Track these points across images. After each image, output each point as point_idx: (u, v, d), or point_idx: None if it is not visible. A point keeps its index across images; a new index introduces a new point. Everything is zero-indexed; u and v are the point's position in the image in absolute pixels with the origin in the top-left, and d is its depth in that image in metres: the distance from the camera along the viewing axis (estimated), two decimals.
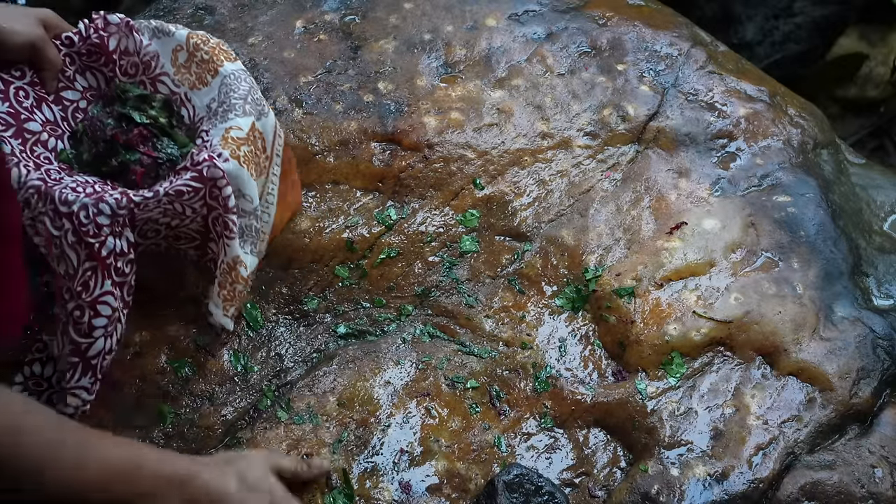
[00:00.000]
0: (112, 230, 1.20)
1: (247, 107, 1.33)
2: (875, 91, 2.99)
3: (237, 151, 1.28)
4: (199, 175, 1.24)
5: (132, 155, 1.33)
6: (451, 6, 1.72)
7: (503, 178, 1.56)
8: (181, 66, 1.38)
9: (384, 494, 1.30)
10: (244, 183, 1.29)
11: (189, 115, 1.38)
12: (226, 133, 1.30)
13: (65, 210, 1.18)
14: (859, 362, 1.42)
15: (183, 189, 1.24)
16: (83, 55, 1.38)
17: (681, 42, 1.73)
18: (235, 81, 1.35)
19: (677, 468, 1.33)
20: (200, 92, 1.37)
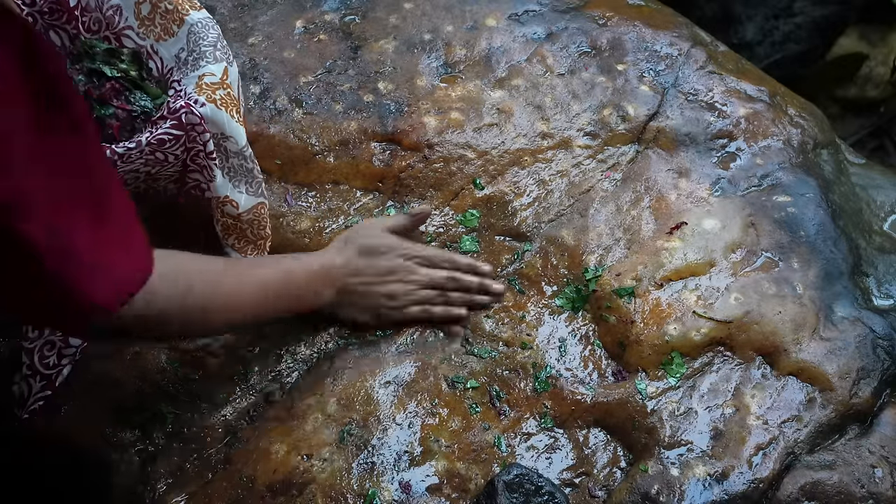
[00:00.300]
0: None
1: (217, 53, 1.34)
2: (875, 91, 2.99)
3: (213, 95, 1.28)
4: (178, 122, 1.24)
5: (106, 109, 1.33)
6: (451, 6, 1.72)
7: (503, 178, 1.56)
8: (145, 18, 1.37)
9: (384, 494, 1.30)
10: (225, 125, 1.29)
11: (158, 68, 1.38)
12: (199, 80, 1.30)
13: None
14: (859, 362, 1.42)
15: (164, 137, 1.24)
16: (45, 14, 1.36)
17: (681, 42, 1.73)
18: (203, 30, 1.35)
19: (677, 468, 1.33)
20: (167, 43, 1.37)
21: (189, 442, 1.34)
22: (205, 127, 1.26)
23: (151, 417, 1.35)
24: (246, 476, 1.31)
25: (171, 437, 1.34)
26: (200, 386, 1.37)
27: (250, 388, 1.39)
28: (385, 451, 1.34)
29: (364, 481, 1.31)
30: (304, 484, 1.31)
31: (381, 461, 1.33)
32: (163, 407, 1.35)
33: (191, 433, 1.34)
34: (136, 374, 1.36)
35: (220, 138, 1.30)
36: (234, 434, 1.35)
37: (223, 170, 1.32)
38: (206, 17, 1.38)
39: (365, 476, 1.32)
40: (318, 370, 1.41)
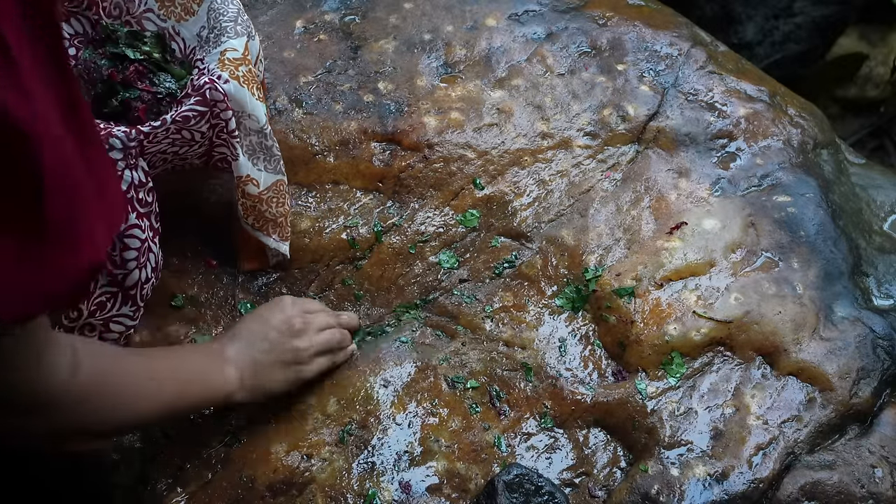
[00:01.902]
0: (126, 163, 1.20)
1: (238, 28, 1.33)
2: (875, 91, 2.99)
3: (235, 72, 1.27)
4: (203, 98, 1.24)
5: (132, 92, 1.32)
6: (451, 6, 1.72)
7: (503, 178, 1.56)
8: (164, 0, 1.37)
9: (384, 494, 1.30)
10: (247, 103, 1.28)
11: (181, 49, 1.37)
12: (221, 56, 1.29)
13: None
14: (859, 362, 1.42)
15: (189, 115, 1.23)
16: (66, 1, 1.36)
17: (681, 42, 1.73)
18: (223, 5, 1.34)
19: (677, 468, 1.33)
20: (188, 23, 1.36)
21: (189, 442, 1.34)
22: (227, 104, 1.25)
23: None
24: (246, 476, 1.31)
25: (171, 437, 1.34)
26: None
27: None
28: (385, 451, 1.34)
29: (364, 481, 1.31)
30: (304, 484, 1.31)
31: (381, 461, 1.33)
32: None
33: (191, 433, 1.34)
34: None
35: (241, 116, 1.29)
36: (234, 434, 1.35)
37: (242, 148, 1.32)
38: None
39: (365, 476, 1.32)
40: None
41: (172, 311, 1.41)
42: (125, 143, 1.19)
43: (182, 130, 1.25)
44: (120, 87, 1.32)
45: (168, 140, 1.25)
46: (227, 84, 1.25)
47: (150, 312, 1.40)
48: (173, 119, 1.23)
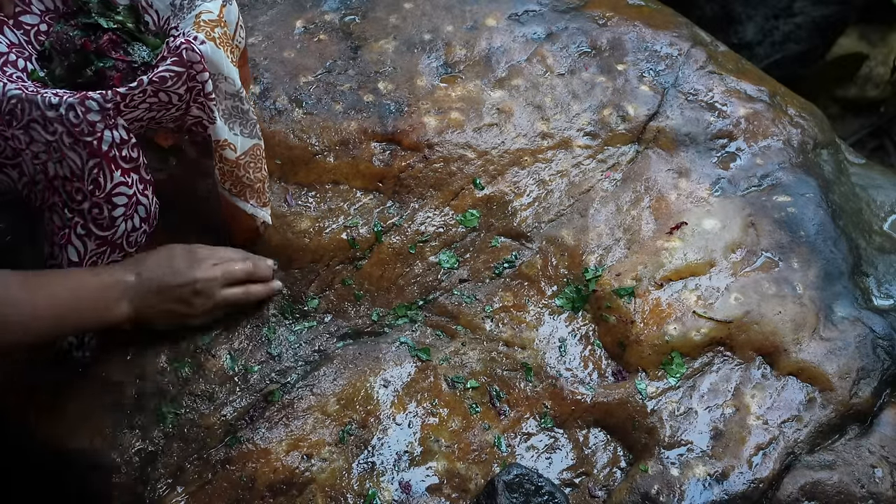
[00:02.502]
0: (105, 124, 1.19)
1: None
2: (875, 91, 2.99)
3: (212, 33, 1.26)
4: (180, 59, 1.22)
5: (106, 62, 1.30)
6: (451, 6, 1.71)
7: (503, 178, 1.56)
8: None
9: (384, 494, 1.30)
10: (222, 64, 1.28)
11: (154, 21, 1.36)
12: (196, 18, 1.28)
13: (52, 115, 1.17)
14: (859, 362, 1.42)
15: (166, 75, 1.22)
16: None
17: (681, 42, 1.73)
18: None
19: (677, 468, 1.33)
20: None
21: (189, 442, 1.34)
22: (204, 66, 1.24)
23: (151, 417, 1.35)
24: (246, 476, 1.31)
25: (171, 437, 1.34)
26: (200, 386, 1.37)
27: (250, 388, 1.39)
28: (385, 451, 1.34)
29: (364, 481, 1.31)
30: (304, 484, 1.31)
31: (381, 461, 1.33)
32: (163, 407, 1.35)
33: (191, 433, 1.34)
34: (136, 374, 1.36)
35: (216, 78, 1.28)
36: (234, 434, 1.35)
37: (219, 111, 1.31)
38: None
39: (365, 476, 1.32)
40: (318, 370, 1.41)
41: None
42: (101, 105, 1.18)
43: (159, 93, 1.23)
44: (94, 57, 1.30)
45: (145, 105, 1.24)
46: (203, 45, 1.24)
47: None
48: (150, 80, 1.21)
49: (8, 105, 1.18)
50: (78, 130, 1.18)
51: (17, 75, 1.27)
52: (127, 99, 1.21)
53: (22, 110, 1.18)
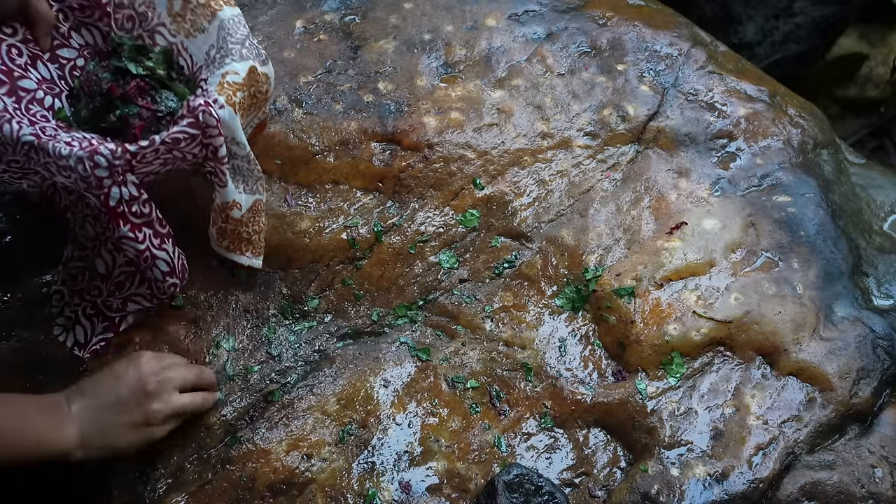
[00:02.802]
0: (114, 180, 1.19)
1: (244, 51, 1.30)
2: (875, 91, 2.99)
3: (233, 98, 1.25)
4: (196, 121, 1.22)
5: (130, 108, 1.30)
6: (451, 6, 1.72)
7: (503, 178, 1.56)
8: (177, 14, 1.33)
9: (384, 494, 1.30)
10: (237, 131, 1.27)
11: (188, 66, 1.35)
12: (222, 78, 1.27)
13: (63, 164, 1.17)
14: (859, 362, 1.42)
15: (180, 136, 1.21)
16: (76, 10, 1.34)
17: (681, 42, 1.73)
18: (234, 26, 1.31)
19: (677, 468, 1.33)
20: (197, 40, 1.33)
21: (189, 442, 1.34)
22: (220, 130, 1.23)
23: None
24: (246, 476, 1.31)
25: (172, 437, 1.34)
26: None
27: (250, 388, 1.39)
28: (385, 451, 1.34)
29: (364, 481, 1.31)
30: (304, 484, 1.31)
31: (381, 461, 1.33)
32: None
33: (191, 433, 1.34)
34: None
35: (230, 142, 1.28)
36: (233, 434, 1.35)
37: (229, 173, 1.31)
38: (238, 15, 1.33)
39: (365, 476, 1.32)
40: (318, 370, 1.41)
41: (173, 311, 1.41)
42: (110, 162, 1.18)
43: (173, 150, 1.23)
44: (119, 103, 1.30)
45: (160, 161, 1.23)
46: (221, 110, 1.23)
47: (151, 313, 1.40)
48: (163, 140, 1.21)
49: (22, 149, 1.18)
50: (86, 183, 1.18)
51: (41, 114, 1.27)
52: (138, 156, 1.20)
53: (36, 154, 1.18)
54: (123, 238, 1.23)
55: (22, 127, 1.18)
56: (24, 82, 1.27)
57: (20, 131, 1.18)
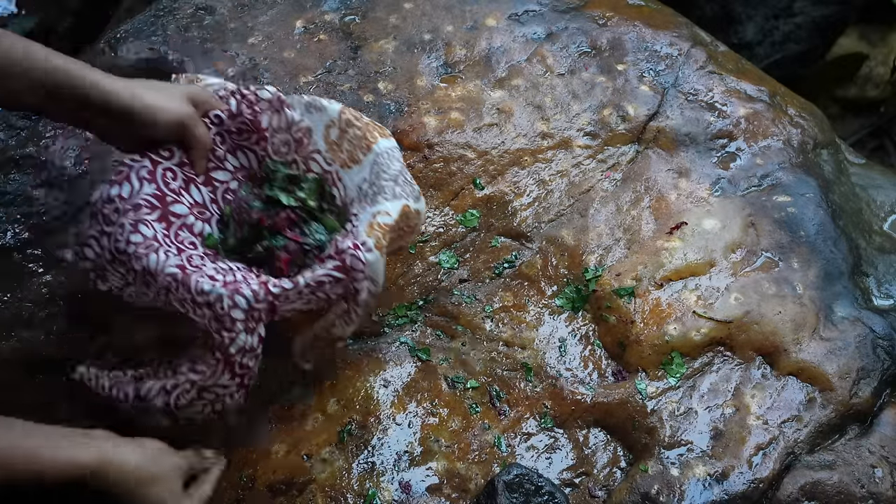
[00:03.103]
0: (246, 326, 1.17)
1: (397, 189, 1.27)
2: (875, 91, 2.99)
3: (382, 241, 1.23)
4: (342, 264, 1.20)
5: (278, 240, 1.28)
6: (451, 6, 1.72)
7: (503, 178, 1.56)
8: (333, 143, 1.32)
9: (384, 494, 1.30)
10: (379, 272, 1.24)
11: (340, 196, 1.32)
12: (373, 218, 1.25)
13: (201, 300, 1.16)
14: (859, 362, 1.42)
15: (324, 280, 1.20)
16: (234, 133, 1.31)
17: (681, 42, 1.73)
18: (388, 160, 1.29)
19: (677, 468, 1.33)
20: (351, 171, 1.31)
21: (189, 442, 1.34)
22: (365, 273, 1.21)
23: None
24: (246, 476, 1.31)
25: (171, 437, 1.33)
26: None
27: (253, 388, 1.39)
28: (385, 451, 1.34)
29: (364, 481, 1.31)
30: (304, 484, 1.31)
31: (381, 461, 1.33)
32: None
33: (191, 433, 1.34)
34: None
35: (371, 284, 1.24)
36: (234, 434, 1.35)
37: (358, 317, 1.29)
38: (393, 147, 1.31)
39: (365, 476, 1.32)
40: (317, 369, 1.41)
41: None
42: (251, 304, 1.16)
43: (315, 293, 1.21)
44: (267, 234, 1.29)
45: (301, 301, 1.22)
46: (369, 253, 1.20)
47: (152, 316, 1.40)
48: (307, 283, 1.19)
49: (164, 280, 1.17)
50: (216, 325, 1.17)
51: (189, 241, 1.25)
52: (280, 299, 1.19)
53: (175, 289, 1.18)
54: (218, 385, 1.21)
55: (169, 257, 1.18)
56: (176, 207, 1.25)
57: (166, 262, 1.17)
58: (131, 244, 1.18)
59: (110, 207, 1.21)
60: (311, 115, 1.32)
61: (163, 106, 1.17)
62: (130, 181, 1.21)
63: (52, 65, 1.09)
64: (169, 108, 1.17)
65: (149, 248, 1.18)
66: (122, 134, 1.11)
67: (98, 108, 1.12)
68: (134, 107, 1.13)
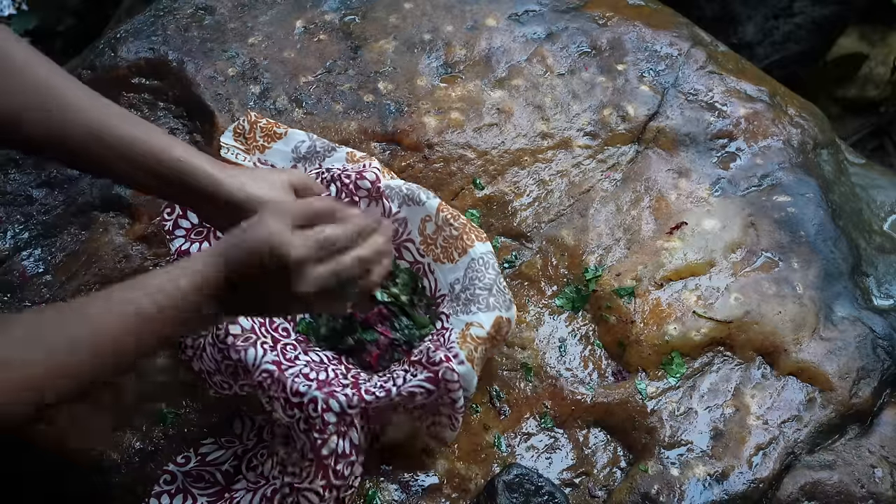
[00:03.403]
0: (338, 429, 1.18)
1: (491, 299, 1.28)
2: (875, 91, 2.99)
3: (473, 354, 1.23)
4: (434, 376, 1.20)
5: (369, 335, 1.30)
6: (451, 6, 1.72)
7: (503, 178, 1.56)
8: (428, 236, 1.34)
9: (384, 494, 1.30)
10: (471, 383, 1.25)
11: (430, 288, 1.35)
12: (466, 328, 1.25)
13: (296, 401, 1.17)
14: (859, 362, 1.42)
15: (415, 391, 1.20)
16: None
17: (681, 42, 1.73)
18: (483, 267, 1.30)
19: (677, 468, 1.33)
20: (444, 267, 1.33)
21: (189, 442, 1.34)
22: (460, 384, 1.21)
23: (151, 417, 1.34)
24: None
25: (171, 437, 1.34)
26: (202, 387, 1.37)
27: None
28: None
29: (364, 481, 1.31)
30: None
31: None
32: (163, 407, 1.35)
33: (191, 433, 1.34)
34: (136, 374, 1.36)
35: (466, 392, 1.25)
36: None
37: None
38: (488, 252, 1.32)
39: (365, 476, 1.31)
40: None
41: None
42: (343, 409, 1.17)
43: (407, 402, 1.23)
44: (359, 328, 1.31)
45: (392, 407, 1.23)
46: (461, 366, 1.21)
47: None
48: (398, 392, 1.20)
49: (259, 376, 1.19)
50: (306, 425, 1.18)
51: (283, 327, 1.27)
52: (372, 405, 1.20)
53: (269, 385, 1.19)
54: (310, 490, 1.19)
55: (266, 352, 1.20)
56: None
57: (263, 357, 1.19)
58: (230, 335, 1.21)
59: None
60: (409, 208, 1.34)
61: (263, 195, 1.16)
62: None
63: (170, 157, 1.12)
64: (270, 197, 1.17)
65: (247, 342, 1.20)
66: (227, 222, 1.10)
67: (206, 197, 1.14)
68: (239, 198, 1.15)
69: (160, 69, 1.58)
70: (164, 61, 1.58)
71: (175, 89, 1.57)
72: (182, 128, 1.55)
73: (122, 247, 1.45)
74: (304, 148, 1.42)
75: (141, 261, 1.44)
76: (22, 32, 2.76)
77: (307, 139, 1.43)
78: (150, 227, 1.46)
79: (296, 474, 1.20)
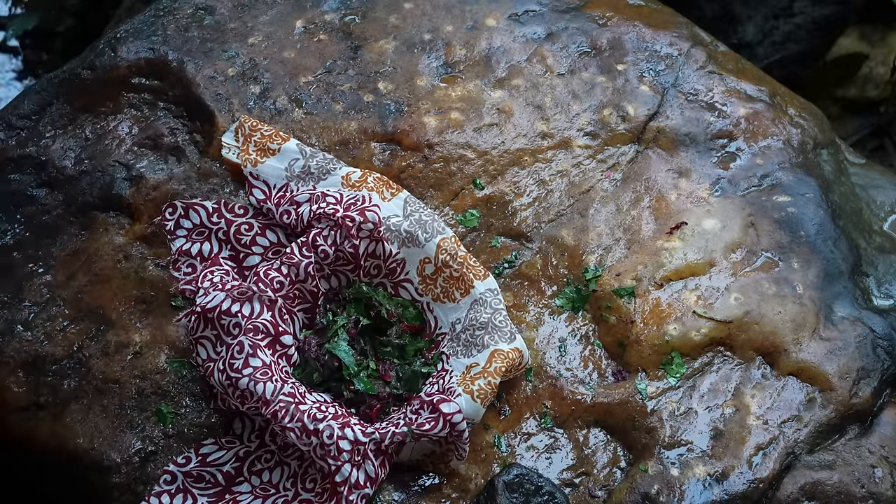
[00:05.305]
0: (351, 458, 1.21)
1: (486, 338, 1.34)
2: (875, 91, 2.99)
3: (470, 386, 1.29)
4: (438, 415, 1.25)
5: (371, 387, 1.33)
6: (451, 6, 1.72)
7: (503, 178, 1.56)
8: (427, 277, 1.39)
9: (384, 494, 1.30)
10: (476, 415, 1.30)
11: (430, 326, 1.39)
12: (466, 371, 1.32)
13: (312, 427, 1.21)
14: (859, 362, 1.42)
15: (427, 427, 1.25)
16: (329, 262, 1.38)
17: (681, 42, 1.73)
18: (482, 307, 1.36)
19: (677, 468, 1.33)
20: (446, 306, 1.38)
21: (189, 442, 1.34)
22: (462, 416, 1.26)
23: (151, 417, 1.34)
24: None
25: (171, 437, 1.34)
26: (200, 386, 1.37)
27: None
28: None
29: None
30: None
31: None
32: (163, 407, 1.35)
33: (191, 433, 1.34)
34: (136, 374, 1.36)
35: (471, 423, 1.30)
36: None
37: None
38: (490, 289, 1.38)
39: None
40: None
41: (172, 310, 1.41)
42: (357, 439, 1.21)
43: (421, 438, 1.27)
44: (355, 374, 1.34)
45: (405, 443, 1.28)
46: (458, 398, 1.27)
47: (151, 312, 1.40)
48: (412, 431, 1.25)
49: (276, 406, 1.23)
50: (322, 451, 1.21)
51: (286, 369, 1.31)
52: (386, 440, 1.24)
53: (284, 416, 1.22)
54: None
55: (284, 386, 1.24)
56: (285, 338, 1.32)
57: (280, 389, 1.23)
58: (249, 366, 1.25)
59: (229, 320, 1.29)
60: (408, 250, 1.39)
61: None
62: (252, 303, 1.30)
63: None
64: None
65: (264, 376, 1.24)
66: None
67: None
68: None
69: (160, 69, 1.58)
70: (164, 61, 1.58)
71: (175, 89, 1.57)
72: (182, 128, 1.55)
73: (122, 247, 1.45)
74: (298, 167, 1.45)
75: (141, 261, 1.44)
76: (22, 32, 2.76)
77: (301, 157, 1.45)
78: (150, 227, 1.46)
79: (314, 491, 1.24)
